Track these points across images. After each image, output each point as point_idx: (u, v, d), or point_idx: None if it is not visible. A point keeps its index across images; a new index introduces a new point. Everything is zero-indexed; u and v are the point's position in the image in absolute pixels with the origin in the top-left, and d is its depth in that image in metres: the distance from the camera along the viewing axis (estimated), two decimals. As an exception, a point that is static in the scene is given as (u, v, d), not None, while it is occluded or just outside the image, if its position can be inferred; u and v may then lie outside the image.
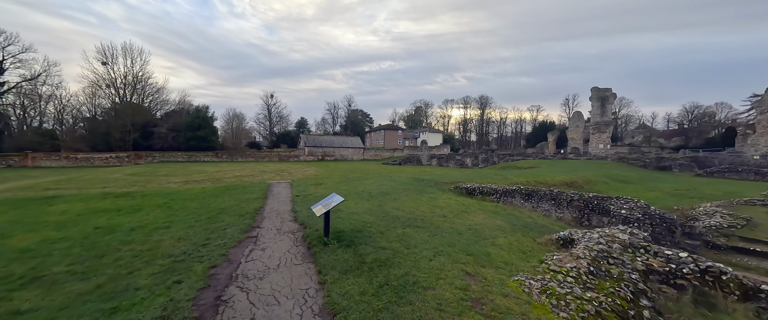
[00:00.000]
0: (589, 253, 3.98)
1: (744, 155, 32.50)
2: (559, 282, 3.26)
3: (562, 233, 5.33)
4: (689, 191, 14.06)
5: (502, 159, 42.02)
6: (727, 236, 7.16)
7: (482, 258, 4.13)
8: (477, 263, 3.92)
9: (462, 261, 3.90)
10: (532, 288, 3.16)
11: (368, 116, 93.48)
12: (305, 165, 35.34)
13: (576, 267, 3.54)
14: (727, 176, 22.62)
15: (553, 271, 3.51)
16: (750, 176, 21.58)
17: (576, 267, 3.53)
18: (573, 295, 3.02)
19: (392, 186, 12.33)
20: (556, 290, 3.09)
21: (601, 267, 3.66)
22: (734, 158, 31.53)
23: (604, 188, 15.17)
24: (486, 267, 3.74)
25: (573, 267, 3.53)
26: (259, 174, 21.91)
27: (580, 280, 3.34)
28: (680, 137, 61.71)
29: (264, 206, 8.28)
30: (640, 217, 7.28)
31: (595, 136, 48.12)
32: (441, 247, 4.51)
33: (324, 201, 4.86)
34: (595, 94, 49.78)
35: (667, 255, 3.90)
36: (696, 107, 71.83)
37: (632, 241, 4.34)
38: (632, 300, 3.13)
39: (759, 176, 21.04)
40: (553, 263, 3.79)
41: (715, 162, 29.91)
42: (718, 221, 7.63)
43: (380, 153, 56.32)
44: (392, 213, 7.00)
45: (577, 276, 3.35)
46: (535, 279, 3.40)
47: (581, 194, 9.20)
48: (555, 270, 3.53)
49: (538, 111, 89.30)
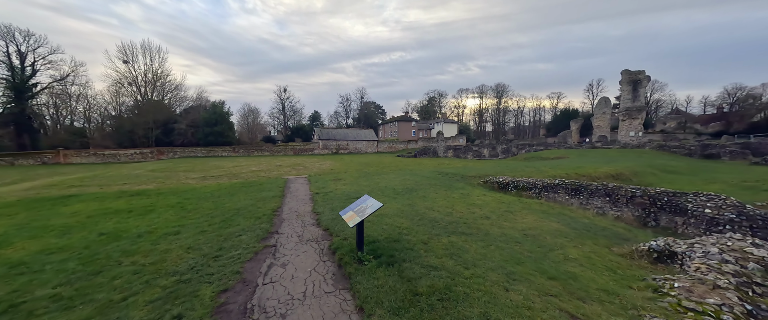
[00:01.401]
0: (726, 279, 2.86)
1: (803, 139, 28.93)
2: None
3: (653, 244, 4.18)
4: (762, 183, 12.18)
5: (522, 149, 39.83)
6: None
7: (571, 284, 3.10)
8: (569, 292, 2.91)
9: (550, 291, 2.89)
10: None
11: (381, 108, 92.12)
12: (320, 159, 34.92)
13: (724, 303, 2.46)
14: (791, 164, 19.97)
15: (691, 311, 2.45)
16: (822, 164, 18.90)
17: (725, 304, 2.45)
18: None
19: (416, 181, 11.35)
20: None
21: (757, 302, 2.56)
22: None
23: (654, 180, 13.48)
24: (587, 302, 2.72)
25: (720, 304, 2.46)
26: (275, 169, 21.52)
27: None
28: (719, 122, 56.46)
29: (282, 206, 7.54)
30: (734, 218, 5.92)
31: (626, 123, 44.73)
32: (507, 265, 3.52)
33: (355, 206, 3.96)
34: (626, 77, 46.03)
35: None
36: (739, 89, 65.28)
37: None
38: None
39: (834, 164, 18.36)
40: (680, 294, 2.71)
41: (766, 148, 26.79)
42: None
43: (394, 145, 55.25)
44: (428, 215, 6.04)
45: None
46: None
47: (644, 189, 7.85)
48: (693, 307, 2.47)
49: (558, 98, 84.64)
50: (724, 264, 3.23)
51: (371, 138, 53.44)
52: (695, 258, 3.53)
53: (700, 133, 52.60)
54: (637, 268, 3.89)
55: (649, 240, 4.80)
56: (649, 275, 3.56)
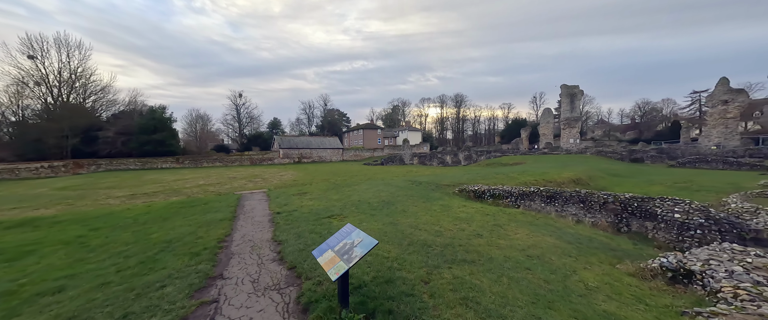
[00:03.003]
0: (761, 307, 2.46)
1: (700, 145, 34.82)
2: None
3: (665, 262, 3.85)
4: (690, 184, 13.86)
5: (482, 156, 41.92)
6: (793, 239, 6.26)
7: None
8: None
9: None
10: None
11: (345, 116, 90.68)
12: (281, 169, 32.27)
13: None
14: (698, 166, 23.64)
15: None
16: (719, 165, 22.65)
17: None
18: None
19: (391, 192, 10.48)
20: None
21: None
22: (691, 149, 33.83)
23: (607, 183, 14.60)
24: None
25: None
26: (227, 182, 18.92)
27: None
28: (634, 131, 67.04)
29: (232, 232, 6.02)
30: (703, 222, 6.15)
31: (566, 131, 49.81)
32: (537, 309, 2.77)
33: (336, 242, 2.87)
34: (564, 91, 51.52)
35: None
36: (646, 103, 78.49)
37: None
38: None
39: (727, 165, 22.12)
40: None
41: (677, 153, 31.80)
42: (773, 221, 6.75)
43: (360, 153, 54.21)
44: (416, 237, 5.16)
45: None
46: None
47: (616, 196, 8.04)
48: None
49: (509, 109, 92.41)
50: (758, 286, 2.89)
51: (336, 146, 51.68)
52: (721, 278, 3.19)
53: (621, 140, 61.04)
54: (658, 292, 3.46)
55: (655, 255, 4.52)
56: (680, 303, 3.10)
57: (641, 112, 78.44)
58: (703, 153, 28.84)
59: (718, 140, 32.42)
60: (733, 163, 22.13)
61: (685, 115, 65.16)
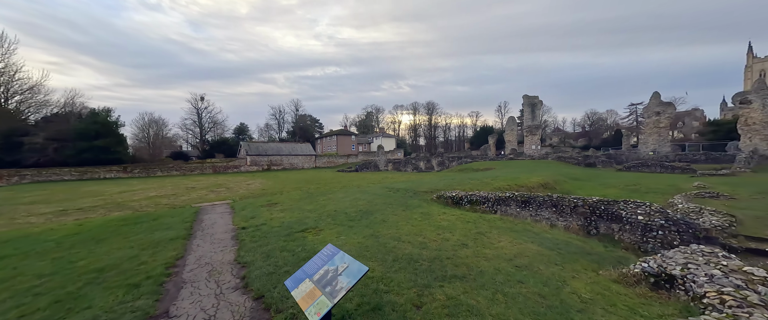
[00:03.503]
0: (752, 315, 2.47)
1: (640, 151, 39.15)
2: None
3: (647, 267, 3.90)
4: (638, 186, 15.27)
5: (454, 162, 43.21)
6: (734, 236, 6.95)
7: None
8: None
9: None
10: None
11: (318, 122, 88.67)
12: (248, 177, 30.17)
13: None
14: (641, 169, 26.38)
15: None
16: (657, 169, 25.48)
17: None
18: None
19: (369, 201, 10.05)
20: None
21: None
22: (632, 154, 37.99)
23: (570, 187, 15.57)
24: None
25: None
26: (184, 193, 17.06)
27: None
28: (584, 138, 74.36)
29: (185, 254, 5.14)
30: (663, 223, 6.59)
31: (529, 138, 53.36)
32: (541, 333, 2.51)
33: (315, 269, 2.39)
34: (526, 101, 55.37)
35: None
36: (594, 113, 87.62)
37: (777, 279, 3.11)
38: None
39: (664, 168, 24.97)
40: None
41: (622, 158, 35.46)
42: (716, 220, 7.48)
43: (334, 160, 53.00)
44: (400, 251, 4.78)
45: None
46: None
47: (585, 199, 8.43)
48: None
49: (477, 117, 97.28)
50: (740, 291, 2.94)
51: (309, 153, 50.00)
52: (703, 283, 3.24)
53: (574, 146, 67.01)
54: (646, 300, 3.44)
55: (626, 257, 4.60)
56: (670, 312, 3.07)
57: (590, 121, 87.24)
58: (643, 158, 32.39)
59: (654, 147, 36.67)
60: (668, 167, 25.06)
61: (626, 124, 73.61)
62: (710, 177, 18.31)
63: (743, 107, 30.46)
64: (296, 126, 78.27)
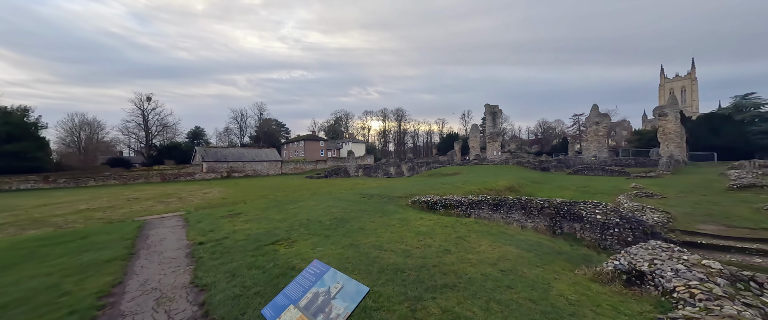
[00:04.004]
0: (723, 307, 2.67)
1: (584, 156, 43.77)
2: None
3: (618, 264, 4.12)
4: (588, 188, 16.91)
5: (423, 167, 44.26)
6: (672, 230, 7.87)
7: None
8: None
9: None
10: None
11: (284, 126, 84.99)
12: (205, 185, 27.48)
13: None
14: (586, 173, 29.42)
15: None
16: (599, 172, 28.61)
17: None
18: None
19: (343, 208, 9.61)
20: None
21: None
22: (578, 159, 42.47)
23: (533, 189, 16.68)
24: None
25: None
26: (124, 205, 14.85)
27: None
28: (537, 145, 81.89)
29: (126, 279, 4.27)
30: (619, 221, 7.23)
31: (490, 144, 56.81)
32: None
33: (301, 292, 1.99)
34: (487, 109, 59.06)
35: None
36: (544, 123, 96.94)
37: (729, 271, 3.45)
38: None
39: (605, 172, 28.12)
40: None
41: (571, 163, 39.41)
42: (656, 217, 8.43)
43: (302, 166, 50.94)
44: (385, 261, 4.49)
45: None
46: None
47: (550, 201, 8.97)
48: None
49: (443, 124, 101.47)
50: (705, 284, 3.19)
51: (274, 158, 47.40)
52: (670, 277, 3.47)
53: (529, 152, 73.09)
54: (623, 297, 3.59)
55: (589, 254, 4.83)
56: (647, 308, 3.22)
57: (541, 129, 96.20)
58: (587, 163, 36.25)
59: (595, 153, 41.25)
60: (608, 170, 28.32)
61: (571, 132, 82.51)
62: (642, 179, 21.02)
63: (661, 118, 35.85)
64: (260, 131, 73.99)
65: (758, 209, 9.36)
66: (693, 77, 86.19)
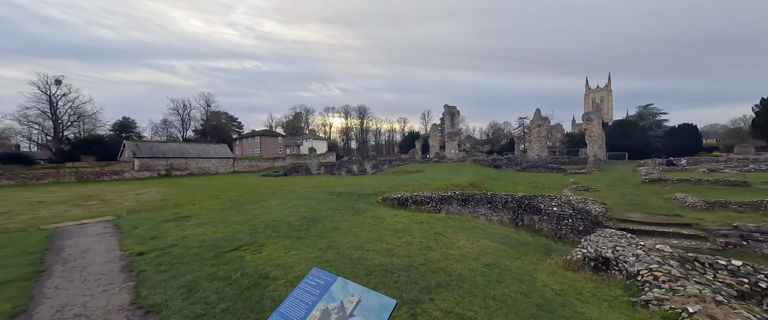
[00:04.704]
0: (698, 288, 3.02)
1: (528, 155, 48.62)
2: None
3: (586, 252, 4.46)
4: (536, 183, 18.73)
5: (385, 164, 44.68)
6: (610, 219, 9.02)
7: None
8: None
9: None
10: None
11: (236, 120, 77.99)
12: (138, 185, 23.68)
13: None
14: (532, 170, 32.73)
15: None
16: (542, 169, 32.08)
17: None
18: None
19: (311, 207, 9.00)
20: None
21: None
22: (524, 158, 47.12)
23: (491, 185, 17.85)
24: None
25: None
26: (25, 210, 11.97)
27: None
28: (489, 144, 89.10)
29: (32, 307, 3.26)
30: (572, 212, 8.02)
31: (449, 143, 59.79)
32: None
33: (304, 310, 1.60)
34: (446, 110, 61.95)
35: (726, 267, 3.67)
36: (495, 124, 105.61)
37: (678, 253, 3.95)
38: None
39: (547, 169, 31.61)
40: (703, 318, 2.51)
41: (518, 161, 43.51)
42: (597, 208, 9.60)
43: (257, 163, 47.31)
44: (369, 262, 4.19)
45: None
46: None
47: (513, 195, 9.59)
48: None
49: (405, 123, 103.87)
50: (663, 267, 3.59)
51: (225, 155, 43.15)
52: (633, 262, 3.84)
53: (482, 151, 78.94)
54: (595, 283, 3.87)
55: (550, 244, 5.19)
56: (619, 293, 3.50)
57: (492, 130, 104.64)
58: (532, 161, 40.37)
59: (538, 152, 46.10)
60: (549, 167, 31.91)
61: (517, 133, 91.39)
62: (576, 175, 24.08)
63: (588, 123, 41.57)
64: (207, 125, 66.63)
65: (668, 199, 11.32)
66: (609, 89, 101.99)
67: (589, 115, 42.86)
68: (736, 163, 24.78)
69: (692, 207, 10.02)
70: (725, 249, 7.03)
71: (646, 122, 50.97)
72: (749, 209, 9.32)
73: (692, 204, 10.15)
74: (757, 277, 3.51)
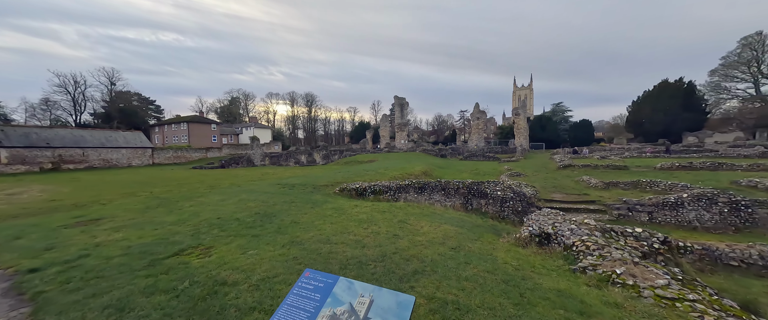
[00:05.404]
0: (622, 252, 3.71)
1: (469, 145, 53.28)
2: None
3: (532, 230, 5.09)
4: (478, 170, 20.71)
5: (336, 155, 43.79)
6: (539, 199, 10.53)
7: (578, 306, 2.74)
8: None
9: None
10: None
11: (153, 103, 65.74)
12: (10, 183, 18.16)
13: (662, 283, 3.02)
14: (472, 158, 36.05)
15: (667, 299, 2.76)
16: (480, 157, 35.61)
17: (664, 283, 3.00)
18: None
19: (263, 200, 8.23)
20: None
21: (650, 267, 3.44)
22: (465, 147, 51.57)
23: (441, 173, 19.02)
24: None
25: (661, 283, 2.99)
26: None
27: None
28: (434, 135, 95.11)
29: None
30: (513, 196, 9.07)
31: (399, 134, 61.47)
32: (521, 311, 2.64)
33: (301, 317, 1.37)
34: (396, 101, 63.22)
35: (631, 233, 4.59)
36: (439, 116, 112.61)
37: (600, 225, 4.78)
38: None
39: (485, 157, 35.22)
40: (631, 281, 3.09)
41: (461, 150, 47.45)
42: (530, 190, 11.10)
43: (185, 154, 41.07)
44: (342, 255, 3.99)
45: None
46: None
47: (463, 182, 10.37)
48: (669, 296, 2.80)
49: (355, 112, 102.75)
50: (591, 237, 4.31)
51: (140, 144, 36.23)
52: (569, 236, 4.53)
53: (428, 141, 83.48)
54: (541, 256, 4.44)
55: (496, 225, 5.84)
56: (560, 263, 4.08)
57: (437, 122, 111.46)
58: (472, 151, 44.44)
59: (476, 142, 50.89)
60: (486, 156, 35.62)
61: (458, 125, 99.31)
62: (508, 162, 27.46)
63: (516, 117, 47.54)
64: (112, 107, 54.47)
65: (577, 182, 13.77)
66: (531, 88, 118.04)
67: (517, 110, 49.05)
68: (617, 151, 31.71)
69: (594, 187, 12.42)
70: (618, 219, 8.95)
71: (557, 118, 60.94)
72: (631, 187, 12.03)
73: (594, 185, 12.59)
74: (651, 240, 4.54)
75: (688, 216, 8.63)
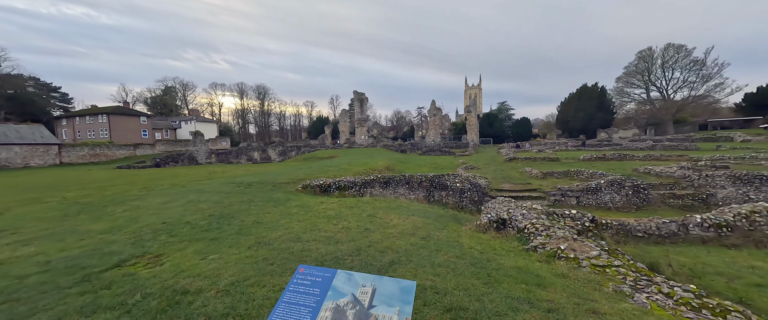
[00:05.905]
0: (566, 231, 4.33)
1: (426, 141, 55.51)
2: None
3: (492, 217, 5.61)
4: (436, 164, 21.83)
5: (293, 151, 41.89)
6: (492, 189, 11.59)
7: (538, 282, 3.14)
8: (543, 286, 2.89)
9: (547, 301, 2.68)
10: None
11: (57, 90, 54.32)
12: None
13: (595, 254, 3.63)
14: (430, 153, 37.64)
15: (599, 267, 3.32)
16: (437, 152, 37.47)
17: (596, 254, 3.61)
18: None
19: (217, 201, 7.53)
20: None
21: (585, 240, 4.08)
22: (423, 143, 53.72)
23: (403, 167, 19.55)
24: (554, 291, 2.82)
25: (594, 254, 3.59)
26: None
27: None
28: (394, 131, 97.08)
29: None
30: (470, 187, 9.81)
31: (359, 129, 61.16)
32: (490, 289, 2.93)
33: (303, 314, 1.33)
34: (356, 96, 62.71)
35: (569, 215, 5.35)
36: (398, 112, 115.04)
37: (544, 209, 5.47)
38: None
39: (441, 152, 37.12)
40: (573, 255, 3.65)
41: (419, 146, 49.33)
42: (484, 182, 12.13)
43: (106, 152, 34.99)
44: (314, 252, 3.88)
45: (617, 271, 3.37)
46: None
47: (426, 176, 10.85)
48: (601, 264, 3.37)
49: (312, 107, 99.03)
50: (539, 220, 4.94)
51: (42, 140, 29.76)
52: (521, 220, 5.11)
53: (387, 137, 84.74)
54: (500, 239, 4.95)
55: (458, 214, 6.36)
56: (516, 244, 4.60)
57: (396, 118, 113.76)
58: (430, 146, 46.51)
59: (433, 138, 53.34)
60: (443, 151, 37.64)
61: (416, 121, 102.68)
62: (462, 156, 29.48)
63: (468, 114, 51.07)
64: None
65: (522, 173, 15.48)
66: (480, 88, 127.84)
67: (469, 108, 52.75)
68: (550, 145, 36.52)
69: (535, 177, 14.14)
70: (554, 204, 10.36)
71: (502, 115, 67.33)
72: (563, 176, 14.01)
73: (535, 175, 14.33)
74: (583, 220, 5.41)
75: (605, 199, 10.44)
